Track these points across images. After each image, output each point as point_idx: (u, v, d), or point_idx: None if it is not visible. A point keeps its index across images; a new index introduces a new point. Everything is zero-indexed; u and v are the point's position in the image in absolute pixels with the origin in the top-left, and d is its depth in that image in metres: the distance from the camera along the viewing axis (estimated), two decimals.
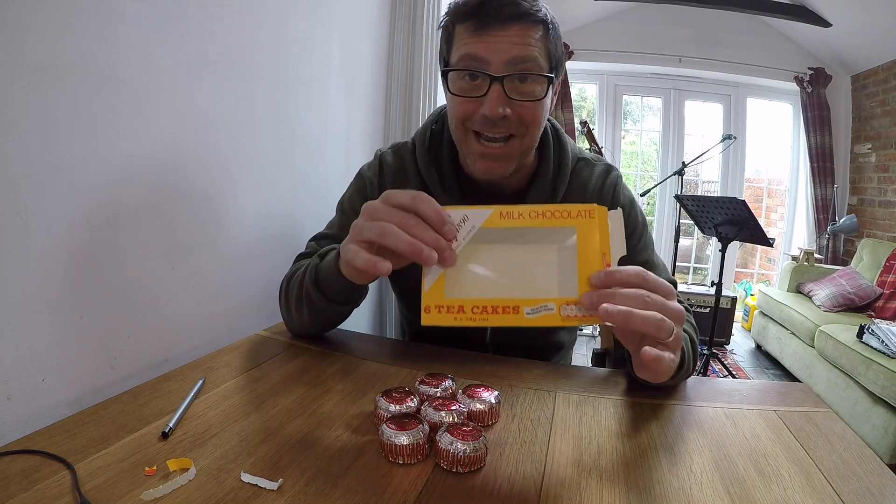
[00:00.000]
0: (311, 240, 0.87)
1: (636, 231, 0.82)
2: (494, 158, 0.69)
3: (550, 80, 0.68)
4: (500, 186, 0.78)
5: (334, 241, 0.81)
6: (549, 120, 0.78)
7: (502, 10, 0.63)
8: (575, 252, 0.47)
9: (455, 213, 0.48)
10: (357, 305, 0.76)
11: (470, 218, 0.48)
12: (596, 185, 0.81)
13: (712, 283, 2.94)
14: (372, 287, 1.53)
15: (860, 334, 2.32)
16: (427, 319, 0.47)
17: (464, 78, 0.67)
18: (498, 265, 0.47)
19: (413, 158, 0.82)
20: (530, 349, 0.88)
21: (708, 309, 3.46)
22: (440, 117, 0.83)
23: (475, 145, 0.69)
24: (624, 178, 0.86)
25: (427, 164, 0.79)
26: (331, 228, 0.87)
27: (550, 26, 0.67)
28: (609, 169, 0.83)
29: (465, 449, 0.49)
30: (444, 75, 0.68)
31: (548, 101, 0.70)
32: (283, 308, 0.81)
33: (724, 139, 3.15)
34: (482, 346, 0.88)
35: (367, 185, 0.84)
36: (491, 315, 0.46)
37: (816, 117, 3.76)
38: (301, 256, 0.85)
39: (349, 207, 0.85)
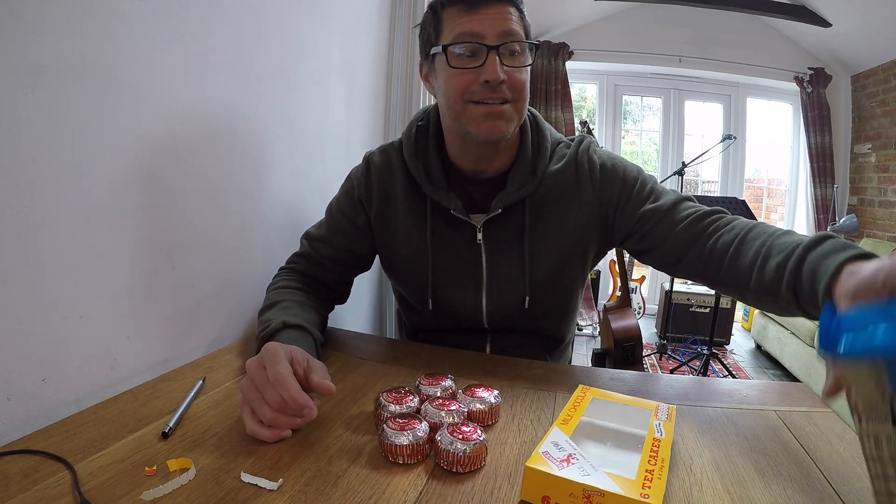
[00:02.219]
0: (304, 237, 0.93)
1: (627, 181, 0.81)
2: (497, 116, 0.74)
3: (536, 47, 0.77)
4: (484, 172, 0.82)
5: (323, 244, 0.89)
6: (528, 108, 0.82)
7: None
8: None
9: None
10: None
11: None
12: (570, 155, 0.83)
13: None
14: (372, 287, 1.53)
15: None
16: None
17: (460, 54, 0.73)
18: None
19: (399, 155, 0.86)
20: (528, 332, 0.89)
21: (708, 309, 3.46)
22: (426, 114, 0.87)
23: (478, 109, 0.74)
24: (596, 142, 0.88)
25: (413, 158, 0.83)
26: (320, 229, 0.92)
27: (523, 9, 0.76)
28: (581, 139, 0.86)
29: (465, 449, 0.49)
30: (444, 50, 0.73)
31: (530, 71, 0.77)
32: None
33: (724, 139, 3.15)
34: (480, 328, 0.89)
35: (354, 187, 0.88)
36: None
37: (816, 117, 3.76)
38: (292, 258, 0.92)
39: (336, 209, 0.90)
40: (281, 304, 0.77)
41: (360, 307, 1.46)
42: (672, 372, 3.09)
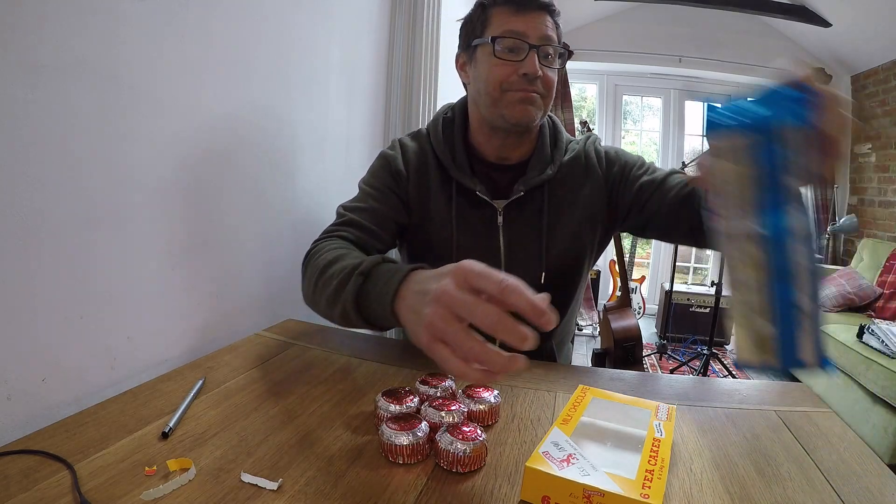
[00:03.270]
0: (341, 207, 0.88)
1: (629, 160, 0.94)
2: (531, 102, 0.83)
3: (569, 54, 0.87)
4: (507, 159, 0.91)
5: (367, 214, 0.85)
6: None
7: (535, 0, 0.83)
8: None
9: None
10: None
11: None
12: (580, 150, 0.94)
13: (712, 283, 2.94)
14: None
15: (860, 334, 2.32)
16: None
17: (505, 47, 0.82)
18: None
19: (428, 141, 0.93)
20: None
21: (708, 309, 3.46)
22: (452, 108, 0.95)
23: (514, 94, 0.82)
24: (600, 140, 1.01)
25: (441, 144, 0.91)
26: (358, 201, 0.88)
27: (559, 21, 0.86)
28: (587, 136, 0.98)
29: (465, 449, 0.49)
30: (492, 41, 0.82)
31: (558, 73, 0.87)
32: (308, 287, 0.75)
33: None
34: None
35: (390, 162, 0.91)
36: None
37: None
38: (330, 228, 0.84)
39: (376, 181, 0.90)
40: (352, 253, 0.71)
41: None
42: (672, 372, 3.09)
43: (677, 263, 3.40)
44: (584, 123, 3.23)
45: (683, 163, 3.26)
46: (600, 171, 0.92)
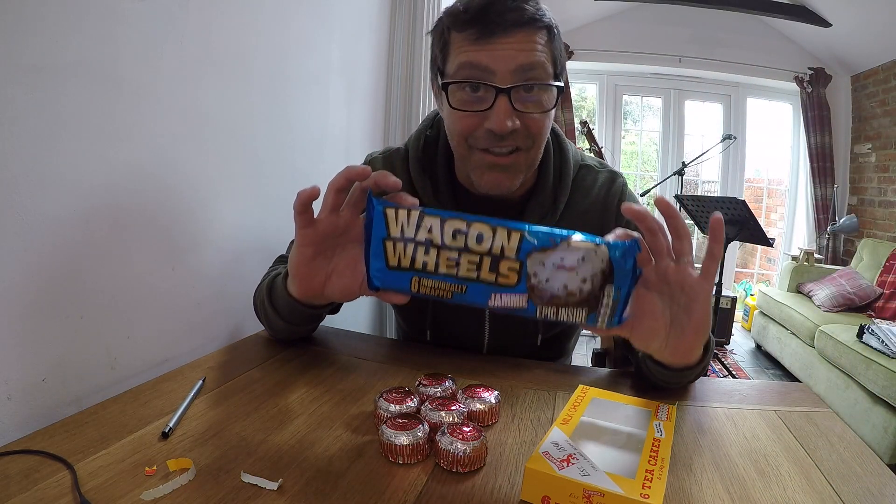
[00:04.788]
0: (278, 260, 0.85)
1: None
2: (503, 169, 0.65)
3: (560, 90, 0.64)
4: (498, 198, 0.73)
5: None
6: None
7: (506, 17, 0.58)
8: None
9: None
10: (315, 328, 0.78)
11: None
12: (599, 193, 0.77)
13: None
14: None
15: (860, 334, 2.32)
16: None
17: (465, 89, 0.62)
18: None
19: (405, 166, 0.77)
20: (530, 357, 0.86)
21: None
22: (435, 122, 0.78)
23: (482, 157, 0.65)
24: (628, 184, 0.82)
25: (420, 173, 0.75)
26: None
27: (555, 30, 0.64)
28: (613, 177, 0.79)
29: (465, 449, 0.49)
30: (444, 88, 0.63)
31: (553, 111, 0.66)
32: (264, 322, 0.78)
33: (724, 139, 3.15)
34: (479, 347, 0.86)
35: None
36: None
37: (816, 117, 3.76)
38: (278, 261, 0.83)
39: None
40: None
41: (360, 307, 1.46)
42: None
43: None
44: (584, 123, 3.23)
45: (683, 163, 3.26)
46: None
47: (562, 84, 0.65)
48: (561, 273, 0.46)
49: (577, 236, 0.46)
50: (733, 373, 3.03)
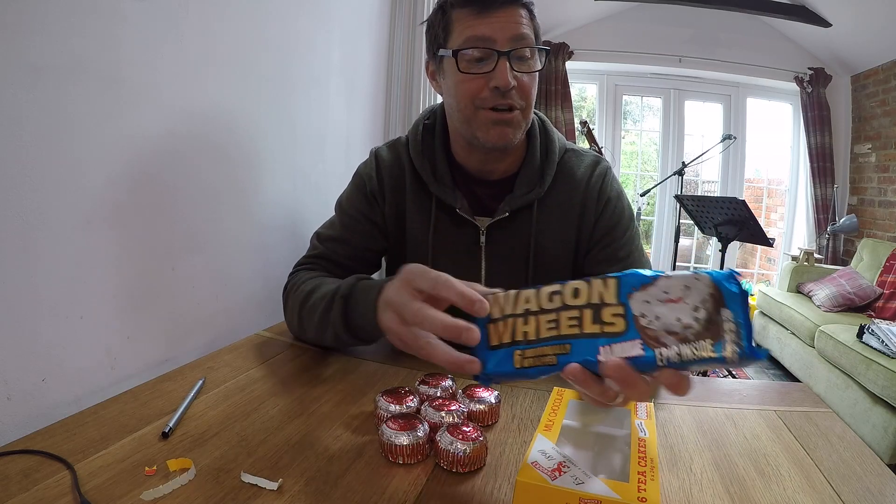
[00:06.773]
0: (315, 237, 0.87)
1: (621, 223, 0.84)
2: (507, 123, 0.75)
3: (547, 51, 0.78)
4: (491, 173, 0.82)
5: (339, 244, 0.84)
6: (535, 112, 0.82)
7: None
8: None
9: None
10: None
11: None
12: (584, 175, 0.84)
13: None
14: None
15: (860, 334, 2.32)
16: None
17: (470, 59, 0.72)
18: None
19: (407, 152, 0.85)
20: None
21: None
22: (432, 113, 0.87)
23: (487, 115, 0.74)
24: (618, 175, 0.86)
25: (419, 156, 0.83)
26: (333, 229, 0.86)
27: (534, 10, 0.76)
28: (597, 160, 0.86)
29: (465, 449, 0.49)
30: (455, 54, 0.73)
31: (537, 77, 0.77)
32: (292, 318, 0.78)
33: (724, 139, 3.15)
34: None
35: (365, 183, 0.86)
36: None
37: (816, 117, 3.76)
38: (304, 260, 0.85)
39: (350, 207, 0.86)
40: (327, 280, 0.73)
41: None
42: None
43: (677, 263, 3.40)
44: (583, 123, 3.23)
45: (683, 163, 3.25)
46: (593, 219, 0.83)
47: (548, 48, 0.81)
48: (669, 306, 0.42)
49: (671, 271, 0.43)
50: (733, 373, 3.03)
